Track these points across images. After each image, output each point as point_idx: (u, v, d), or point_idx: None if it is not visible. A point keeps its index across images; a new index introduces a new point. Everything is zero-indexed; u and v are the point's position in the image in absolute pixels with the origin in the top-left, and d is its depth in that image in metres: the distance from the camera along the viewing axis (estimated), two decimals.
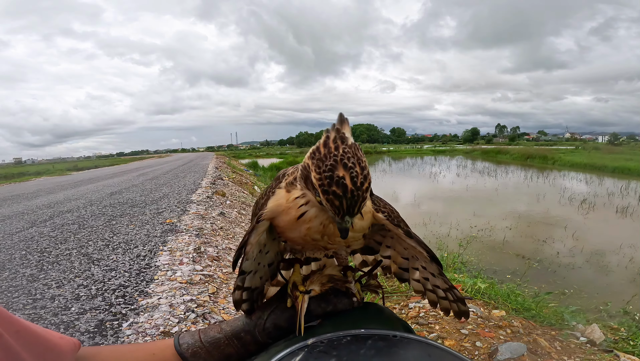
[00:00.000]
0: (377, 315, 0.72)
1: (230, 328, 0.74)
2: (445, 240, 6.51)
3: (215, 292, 2.41)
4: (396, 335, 0.66)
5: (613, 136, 69.37)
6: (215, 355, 0.72)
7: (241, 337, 0.72)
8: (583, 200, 10.64)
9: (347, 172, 0.49)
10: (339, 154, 0.49)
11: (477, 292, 3.03)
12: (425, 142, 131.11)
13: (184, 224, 4.43)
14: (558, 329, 2.66)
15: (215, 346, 0.72)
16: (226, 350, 0.72)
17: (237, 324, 0.74)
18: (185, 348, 0.72)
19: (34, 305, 2.26)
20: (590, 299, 4.16)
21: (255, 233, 0.64)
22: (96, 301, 2.26)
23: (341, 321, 0.70)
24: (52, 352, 0.56)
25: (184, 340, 0.74)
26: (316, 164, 0.50)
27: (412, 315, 2.41)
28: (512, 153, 35.51)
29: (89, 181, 12.75)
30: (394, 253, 0.82)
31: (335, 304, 0.73)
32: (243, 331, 0.72)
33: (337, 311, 0.73)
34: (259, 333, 0.71)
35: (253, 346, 0.72)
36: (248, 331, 0.72)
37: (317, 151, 0.51)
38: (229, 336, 0.72)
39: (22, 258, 3.37)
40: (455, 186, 15.26)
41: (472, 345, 2.01)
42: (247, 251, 0.64)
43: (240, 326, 0.73)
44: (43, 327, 0.61)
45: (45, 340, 0.57)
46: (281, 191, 0.63)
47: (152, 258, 3.14)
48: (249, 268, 0.68)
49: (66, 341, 0.61)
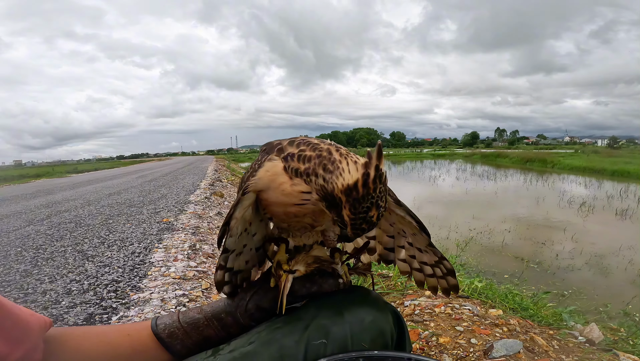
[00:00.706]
0: (363, 298, 0.69)
1: (211, 308, 0.71)
2: (444, 243, 6.48)
3: (209, 287, 2.38)
4: (411, 357, 0.63)
5: (612, 139, 69.36)
6: (193, 336, 0.68)
7: (221, 318, 0.69)
8: (582, 203, 10.61)
9: (377, 212, 0.49)
10: (376, 195, 0.48)
11: (474, 291, 3.00)
12: (425, 146, 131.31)
13: (181, 223, 4.41)
14: (556, 328, 2.63)
15: (193, 327, 0.69)
16: (205, 331, 0.69)
17: (218, 305, 0.71)
18: (162, 328, 0.69)
19: (25, 299, 2.24)
20: (590, 300, 4.14)
21: (241, 207, 0.60)
22: (87, 296, 2.24)
23: (326, 304, 0.68)
24: (19, 328, 0.54)
25: (162, 320, 0.70)
26: (352, 204, 0.49)
27: (408, 312, 2.38)
28: (511, 157, 35.48)
29: (88, 183, 12.73)
30: (379, 232, 0.80)
31: (321, 284, 0.70)
32: (224, 312, 0.69)
33: (323, 292, 0.70)
34: (240, 315, 0.69)
35: (234, 328, 0.69)
36: (229, 313, 0.69)
37: (354, 189, 0.48)
38: (209, 317, 0.69)
39: (17, 255, 3.35)
40: (454, 190, 15.24)
41: (467, 341, 1.98)
42: (232, 227, 0.61)
43: (221, 307, 0.70)
44: (16, 304, 0.59)
45: (14, 315, 0.55)
46: (275, 163, 0.59)
47: (147, 254, 3.12)
48: (232, 246, 0.65)
49: (36, 318, 0.59)
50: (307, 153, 0.55)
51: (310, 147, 0.56)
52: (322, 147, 0.55)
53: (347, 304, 0.66)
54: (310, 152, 0.55)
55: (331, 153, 0.53)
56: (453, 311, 2.33)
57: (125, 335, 0.68)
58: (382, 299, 0.72)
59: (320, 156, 0.54)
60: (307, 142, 0.57)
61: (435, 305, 2.41)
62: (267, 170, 0.59)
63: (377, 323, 0.64)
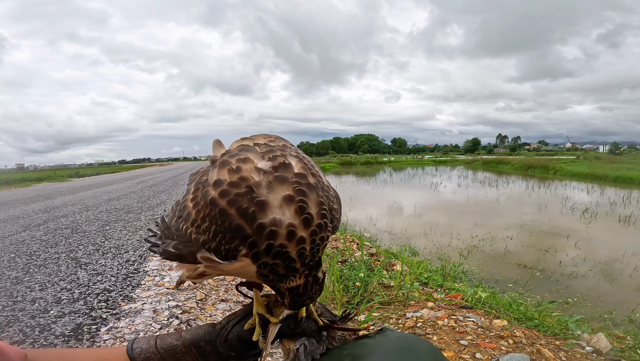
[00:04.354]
0: (409, 351, 0.61)
1: (190, 336, 0.66)
2: (446, 250, 6.40)
3: (204, 298, 2.31)
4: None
5: (614, 145, 69.24)
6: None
7: (200, 346, 0.65)
8: (585, 209, 10.52)
9: (311, 301, 0.59)
10: (311, 293, 0.57)
11: (478, 301, 2.92)
12: (427, 153, 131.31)
13: None
14: (562, 339, 2.54)
15: (170, 353, 0.64)
16: (183, 358, 0.64)
17: (198, 333, 0.66)
18: (138, 353, 0.64)
19: (13, 307, 2.17)
20: (595, 308, 4.05)
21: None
22: (77, 305, 2.16)
23: None
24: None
25: (138, 344, 0.66)
26: (292, 298, 0.57)
27: (409, 324, 2.30)
28: (513, 163, 35.41)
29: (88, 188, 12.71)
30: None
31: (304, 329, 0.65)
32: (203, 340, 0.65)
33: (305, 335, 0.66)
34: (220, 345, 0.64)
35: (213, 357, 0.65)
36: (209, 341, 0.65)
37: (296, 289, 0.57)
38: (187, 345, 0.65)
39: (9, 261, 3.29)
40: (456, 197, 15.16)
41: (471, 356, 1.90)
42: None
43: (201, 335, 0.66)
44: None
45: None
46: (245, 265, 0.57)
47: (142, 263, 3.05)
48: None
49: (14, 350, 0.55)
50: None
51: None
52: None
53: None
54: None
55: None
56: (457, 323, 2.24)
57: (102, 359, 0.64)
58: (430, 345, 0.64)
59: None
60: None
61: (438, 317, 2.33)
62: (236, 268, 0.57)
63: None
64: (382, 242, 6.88)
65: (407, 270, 3.74)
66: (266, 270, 0.54)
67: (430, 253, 6.32)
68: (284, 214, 0.51)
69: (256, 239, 0.51)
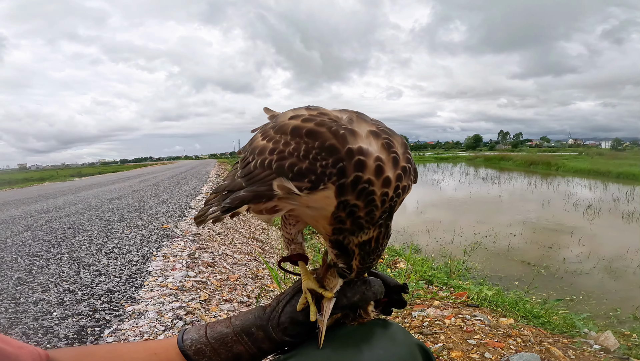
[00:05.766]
0: (386, 331, 0.59)
1: (240, 322, 0.62)
2: (449, 247, 6.38)
3: (208, 299, 2.28)
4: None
5: (616, 141, 68.94)
6: (222, 353, 0.61)
7: (252, 333, 0.61)
8: (588, 206, 10.47)
9: (377, 260, 0.55)
10: (381, 249, 0.54)
11: (484, 299, 2.89)
12: (428, 150, 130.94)
13: (181, 230, 4.32)
14: (570, 337, 2.51)
15: (222, 342, 0.61)
16: (235, 347, 0.61)
17: (247, 318, 0.63)
18: (189, 345, 0.61)
19: (16, 309, 2.14)
20: (599, 305, 4.03)
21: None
22: (80, 307, 2.14)
23: (342, 342, 0.58)
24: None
25: (189, 335, 0.63)
26: (363, 256, 0.53)
27: (416, 324, 2.27)
28: (515, 160, 35.27)
29: (90, 187, 12.71)
30: None
31: (363, 292, 0.60)
32: (254, 325, 0.61)
33: (366, 300, 0.60)
34: (272, 329, 0.60)
35: (266, 344, 0.61)
36: (260, 326, 0.61)
37: (368, 244, 0.52)
38: (238, 332, 0.61)
39: (12, 262, 3.27)
40: (458, 193, 15.12)
41: (480, 356, 1.87)
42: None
43: (251, 320, 0.62)
44: (4, 336, 0.51)
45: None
46: (329, 194, 0.52)
47: (145, 263, 3.02)
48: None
49: (27, 351, 0.51)
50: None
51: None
52: None
53: (367, 339, 0.57)
54: None
55: None
56: (464, 322, 2.21)
57: (152, 354, 0.62)
58: (406, 333, 0.62)
59: None
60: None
61: (445, 316, 2.30)
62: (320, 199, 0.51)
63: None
64: None
65: (412, 268, 3.72)
66: (344, 213, 0.49)
67: (433, 250, 6.30)
68: (371, 144, 0.48)
69: (345, 165, 0.46)
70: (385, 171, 0.47)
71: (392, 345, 0.56)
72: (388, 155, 0.48)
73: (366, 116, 0.54)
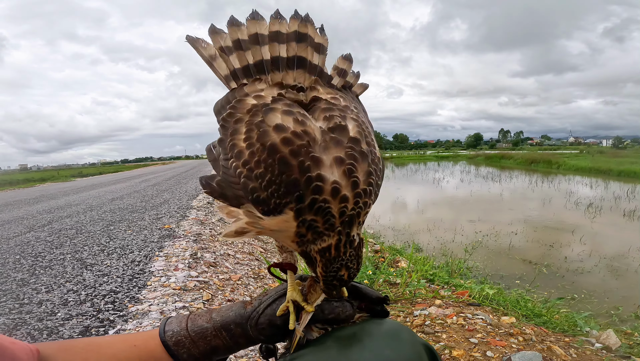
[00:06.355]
0: (394, 338, 0.59)
1: (221, 318, 0.65)
2: (450, 246, 6.38)
3: (210, 299, 2.30)
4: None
5: (617, 139, 68.86)
6: (200, 345, 0.64)
7: (230, 329, 0.64)
8: (589, 204, 10.46)
9: (347, 272, 0.55)
10: (346, 258, 0.54)
11: (485, 298, 2.90)
12: (429, 148, 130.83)
13: (182, 230, 4.34)
14: (572, 336, 2.52)
15: (201, 336, 0.64)
16: (213, 341, 0.64)
17: (228, 315, 0.65)
18: (170, 336, 0.64)
19: (20, 310, 2.16)
20: (601, 304, 4.03)
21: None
22: (84, 307, 2.16)
23: (348, 343, 0.58)
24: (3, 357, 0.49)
25: (170, 326, 0.66)
26: (324, 263, 0.55)
27: (418, 323, 2.28)
28: (515, 158, 35.23)
29: (92, 187, 12.73)
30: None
31: (339, 313, 0.62)
32: (233, 323, 0.64)
33: (339, 320, 0.63)
34: (250, 328, 0.63)
35: (243, 340, 0.64)
36: (239, 324, 0.64)
37: (327, 250, 0.54)
38: (218, 328, 0.64)
39: (15, 263, 3.29)
40: (459, 192, 15.11)
41: (482, 354, 1.88)
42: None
43: (231, 317, 0.65)
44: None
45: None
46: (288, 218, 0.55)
47: (147, 263, 3.04)
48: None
49: (20, 346, 0.53)
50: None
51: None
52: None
53: (374, 339, 0.57)
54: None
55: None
56: (466, 321, 2.22)
57: (131, 346, 0.64)
58: (419, 340, 0.62)
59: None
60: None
61: (446, 315, 2.31)
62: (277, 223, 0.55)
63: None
64: (385, 238, 6.87)
65: (413, 267, 3.72)
66: (304, 228, 0.52)
67: (434, 248, 6.30)
68: (333, 172, 0.51)
69: (303, 193, 0.50)
70: (342, 191, 0.51)
71: (398, 345, 0.57)
72: (348, 180, 0.51)
73: (349, 132, 0.56)
